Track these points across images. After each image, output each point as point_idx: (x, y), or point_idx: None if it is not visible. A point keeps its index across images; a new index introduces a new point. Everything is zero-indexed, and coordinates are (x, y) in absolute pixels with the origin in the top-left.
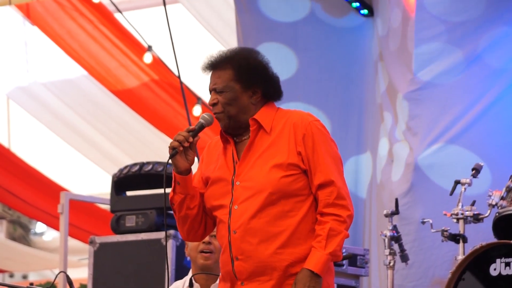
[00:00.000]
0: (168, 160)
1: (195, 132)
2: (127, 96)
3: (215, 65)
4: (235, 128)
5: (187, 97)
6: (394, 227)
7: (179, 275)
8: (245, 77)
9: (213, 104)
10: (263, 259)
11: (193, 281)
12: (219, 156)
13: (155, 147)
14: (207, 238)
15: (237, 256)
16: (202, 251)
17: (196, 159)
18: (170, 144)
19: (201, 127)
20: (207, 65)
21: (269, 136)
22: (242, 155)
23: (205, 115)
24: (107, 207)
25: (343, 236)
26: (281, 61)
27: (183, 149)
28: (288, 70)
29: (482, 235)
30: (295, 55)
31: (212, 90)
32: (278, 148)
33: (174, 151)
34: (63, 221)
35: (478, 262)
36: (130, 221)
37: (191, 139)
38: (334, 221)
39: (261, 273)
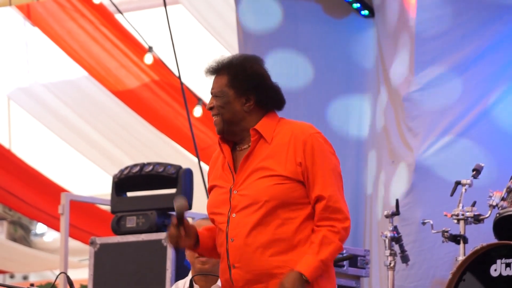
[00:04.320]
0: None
1: (180, 223)
2: (128, 97)
3: (214, 71)
4: (230, 133)
5: (187, 98)
6: (395, 228)
7: (179, 276)
8: (239, 84)
9: (210, 108)
10: (259, 266)
11: (193, 283)
12: (220, 165)
13: (155, 148)
14: None
15: (234, 264)
16: (199, 256)
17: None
18: (170, 244)
19: (181, 215)
20: (207, 70)
21: (269, 146)
22: (240, 164)
23: (177, 200)
24: (107, 208)
25: (336, 246)
26: (280, 61)
27: (181, 238)
28: (288, 71)
29: (483, 236)
30: (296, 56)
31: (210, 94)
32: (277, 158)
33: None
34: (64, 222)
35: (478, 263)
36: (131, 222)
37: (183, 232)
38: (328, 230)
39: (257, 281)
